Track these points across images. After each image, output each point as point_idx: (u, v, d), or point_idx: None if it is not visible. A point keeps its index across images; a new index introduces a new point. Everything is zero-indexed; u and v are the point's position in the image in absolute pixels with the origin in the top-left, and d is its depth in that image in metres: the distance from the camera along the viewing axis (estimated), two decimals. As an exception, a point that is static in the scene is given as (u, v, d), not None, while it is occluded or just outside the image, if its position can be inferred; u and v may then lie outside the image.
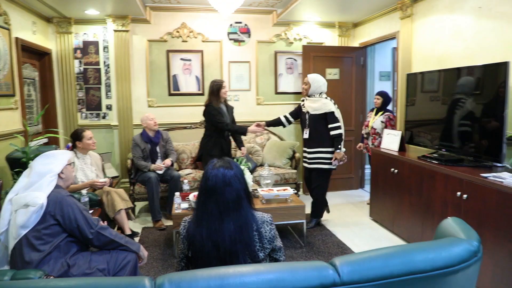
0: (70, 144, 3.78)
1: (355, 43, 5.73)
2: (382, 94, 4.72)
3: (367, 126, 4.82)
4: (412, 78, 3.91)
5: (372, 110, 4.88)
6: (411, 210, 3.58)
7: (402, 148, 3.99)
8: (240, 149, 4.47)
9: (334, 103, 3.99)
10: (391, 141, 4.11)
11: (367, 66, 5.82)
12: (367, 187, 5.37)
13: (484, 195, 2.64)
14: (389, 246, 1.30)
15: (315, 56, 5.40)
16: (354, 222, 4.35)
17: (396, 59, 4.76)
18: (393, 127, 4.54)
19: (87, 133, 3.67)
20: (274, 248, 1.72)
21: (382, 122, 4.62)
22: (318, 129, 3.97)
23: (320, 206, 4.18)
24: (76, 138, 3.65)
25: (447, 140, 3.39)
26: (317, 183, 4.08)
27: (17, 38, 4.09)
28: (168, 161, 4.46)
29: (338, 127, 3.92)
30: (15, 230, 1.98)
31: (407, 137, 3.99)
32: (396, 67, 4.71)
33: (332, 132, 3.92)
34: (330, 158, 3.96)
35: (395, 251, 1.24)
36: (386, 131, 4.30)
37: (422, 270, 1.17)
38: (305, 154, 4.12)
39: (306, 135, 4.06)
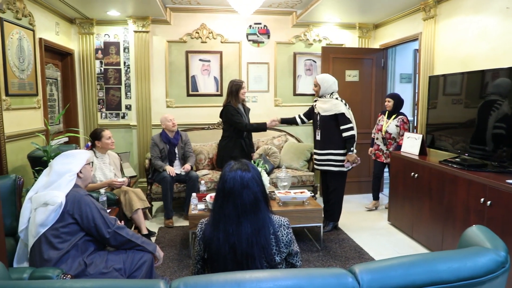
0: (89, 144, 3.84)
1: (376, 45, 5.64)
2: (393, 96, 4.57)
3: (380, 130, 4.66)
4: (434, 81, 3.81)
5: (383, 113, 4.73)
6: (432, 215, 3.49)
7: (423, 152, 3.90)
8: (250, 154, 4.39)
9: (345, 104, 3.88)
10: (411, 144, 4.02)
11: (388, 68, 5.72)
12: (386, 191, 5.27)
13: (509, 202, 2.54)
14: (411, 254, 1.26)
15: (335, 58, 5.34)
16: (372, 227, 4.27)
17: (418, 61, 4.66)
18: (407, 130, 4.40)
19: (106, 133, 3.72)
20: (291, 252, 1.69)
21: (396, 126, 4.48)
22: (329, 130, 3.88)
23: (337, 210, 4.09)
24: (95, 138, 3.71)
25: (470, 144, 3.29)
26: (333, 187, 4.01)
27: (40, 39, 4.18)
28: (187, 166, 4.43)
29: (350, 128, 3.80)
30: (35, 228, 2.02)
31: (428, 140, 3.89)
32: (418, 69, 4.61)
33: (344, 134, 3.81)
34: (342, 161, 3.88)
35: (417, 259, 1.19)
36: (406, 134, 4.20)
37: (446, 281, 1.12)
38: (315, 156, 4.07)
39: (318, 137, 4.00)
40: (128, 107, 5.45)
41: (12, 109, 3.58)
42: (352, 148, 3.80)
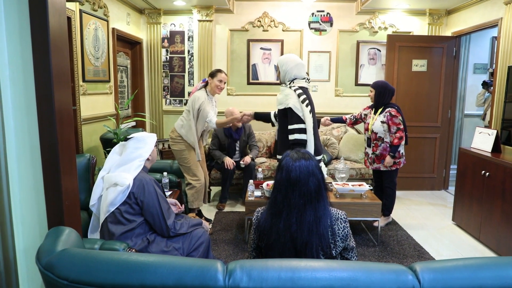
0: (206, 78, 3.73)
1: (448, 32, 5.27)
2: (376, 85, 3.73)
3: (367, 129, 3.85)
4: (514, 71, 3.49)
5: (370, 107, 3.88)
6: (504, 218, 3.23)
7: (496, 149, 3.60)
8: None
9: (302, 94, 2.78)
10: (483, 140, 3.73)
11: (460, 57, 5.32)
12: (451, 189, 4.96)
13: None
14: (478, 257, 1.18)
15: (401, 46, 5.07)
16: (434, 225, 4.05)
17: (496, 50, 4.27)
18: (398, 125, 3.60)
19: (221, 75, 3.58)
20: (347, 247, 1.66)
21: (382, 122, 3.65)
22: (283, 131, 2.89)
23: None
24: (211, 75, 3.64)
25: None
26: None
27: (113, 29, 4.45)
28: (247, 159, 4.42)
29: (298, 131, 2.75)
30: (105, 207, 2.18)
31: (503, 137, 3.58)
32: (496, 59, 4.24)
33: (290, 136, 2.80)
34: None
35: (486, 263, 1.12)
36: (478, 129, 3.89)
37: (518, 288, 1.04)
38: None
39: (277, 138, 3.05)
40: (191, 94, 5.63)
41: (88, 94, 3.87)
42: None
